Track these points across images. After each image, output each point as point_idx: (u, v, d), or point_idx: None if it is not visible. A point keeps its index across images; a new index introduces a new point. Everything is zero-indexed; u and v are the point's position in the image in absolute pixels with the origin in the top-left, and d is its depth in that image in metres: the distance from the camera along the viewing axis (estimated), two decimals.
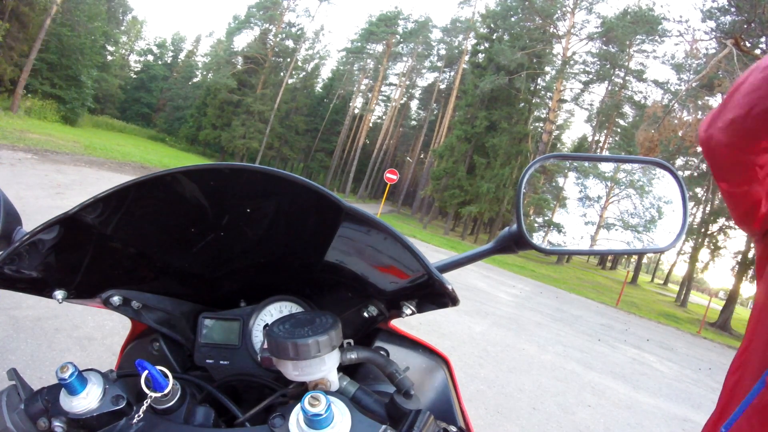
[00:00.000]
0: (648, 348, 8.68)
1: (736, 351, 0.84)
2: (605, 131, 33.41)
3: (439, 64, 41.46)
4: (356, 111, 44.41)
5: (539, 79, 29.22)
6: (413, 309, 0.61)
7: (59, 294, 0.59)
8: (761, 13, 15.36)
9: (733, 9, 17.20)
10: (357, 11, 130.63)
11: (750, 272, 19.29)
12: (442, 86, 41.95)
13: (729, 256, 23.18)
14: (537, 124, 30.76)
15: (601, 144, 33.38)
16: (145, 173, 0.52)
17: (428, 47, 41.11)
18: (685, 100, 18.65)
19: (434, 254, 13.33)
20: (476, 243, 30.45)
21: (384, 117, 45.67)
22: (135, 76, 50.12)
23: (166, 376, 0.49)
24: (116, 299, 0.65)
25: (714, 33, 18.48)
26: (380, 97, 44.58)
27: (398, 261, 0.56)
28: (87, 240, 0.56)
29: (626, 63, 28.41)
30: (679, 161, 23.86)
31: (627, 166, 0.88)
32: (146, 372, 0.48)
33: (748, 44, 16.64)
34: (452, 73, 40.33)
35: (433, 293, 0.57)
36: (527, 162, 25.34)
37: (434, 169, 30.87)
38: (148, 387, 0.48)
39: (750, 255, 19.20)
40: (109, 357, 2.78)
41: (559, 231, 0.74)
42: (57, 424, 0.48)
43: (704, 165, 23.33)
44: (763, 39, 17.37)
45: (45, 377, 2.36)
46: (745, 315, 21.75)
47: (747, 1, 15.78)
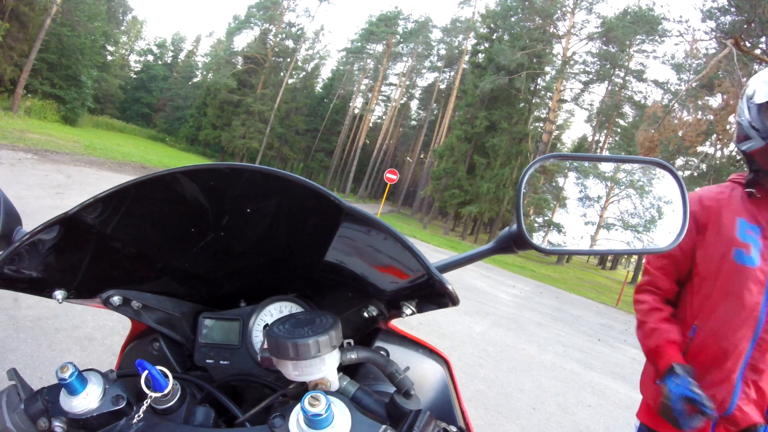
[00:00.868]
0: None
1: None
2: (605, 131, 33.43)
3: (439, 64, 41.48)
4: (356, 111, 44.42)
5: (539, 79, 29.23)
6: (413, 309, 0.61)
7: (59, 294, 0.59)
8: (761, 13, 15.35)
9: (733, 9, 17.19)
10: (357, 11, 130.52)
11: None
12: (442, 86, 41.96)
13: None
14: (537, 124, 30.78)
15: (601, 144, 33.39)
16: (145, 173, 0.52)
17: (428, 47, 41.12)
18: (685, 100, 18.66)
19: (434, 254, 13.32)
20: (476, 243, 30.44)
21: (384, 117, 45.71)
22: (135, 76, 50.13)
23: (166, 376, 0.49)
24: (116, 299, 0.65)
25: (714, 33, 18.48)
26: (380, 97, 44.63)
27: (398, 261, 0.56)
28: (87, 240, 0.56)
29: (626, 63, 28.44)
30: (679, 161, 23.85)
31: (627, 166, 0.88)
32: (146, 372, 0.48)
33: (748, 44, 16.63)
34: (452, 73, 40.35)
35: (433, 293, 0.57)
36: (527, 162, 25.32)
37: (434, 169, 30.88)
38: (148, 387, 0.48)
39: None
40: (109, 357, 2.78)
41: (559, 231, 0.74)
42: (57, 424, 0.48)
43: (704, 165, 23.36)
44: (763, 39, 17.36)
45: (45, 377, 2.36)
46: None
47: (747, 1, 15.77)
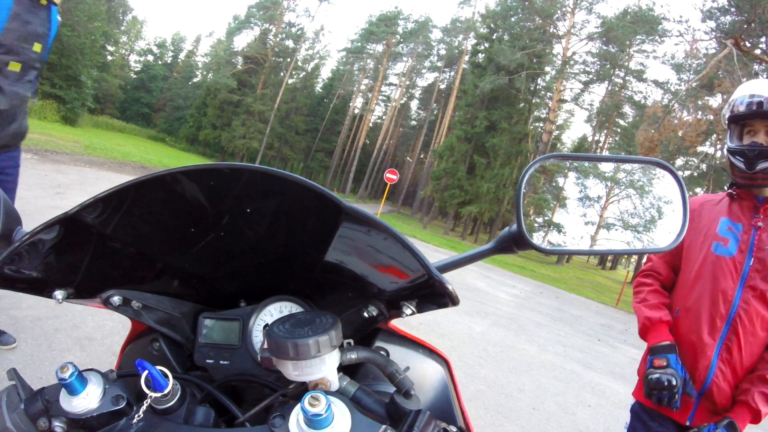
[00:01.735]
0: None
1: None
2: (605, 131, 33.45)
3: (439, 64, 41.49)
4: (356, 111, 44.42)
5: (539, 79, 29.24)
6: (413, 309, 0.61)
7: (59, 294, 0.59)
8: (761, 13, 15.36)
9: (733, 9, 17.20)
10: (357, 11, 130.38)
11: None
12: (442, 86, 41.97)
13: None
14: (537, 124, 30.80)
15: (601, 144, 33.41)
16: (145, 173, 0.51)
17: (428, 47, 41.14)
18: (685, 100, 18.66)
19: (434, 254, 13.32)
20: (476, 243, 30.43)
21: (384, 117, 45.71)
22: (135, 76, 50.10)
23: (166, 376, 0.49)
24: (116, 299, 0.64)
25: (714, 33, 18.49)
26: (380, 97, 44.64)
27: (398, 261, 0.56)
28: (87, 240, 0.56)
29: (626, 63, 28.45)
30: (679, 161, 23.85)
31: (627, 166, 0.88)
32: (146, 372, 0.48)
33: (748, 44, 16.64)
34: (452, 73, 40.36)
35: (433, 293, 0.57)
36: (527, 162, 25.34)
37: (434, 169, 30.89)
38: (148, 387, 0.48)
39: None
40: (109, 357, 2.78)
41: (559, 231, 0.74)
42: (57, 424, 0.48)
43: (704, 165, 23.36)
44: (763, 39, 17.37)
45: (45, 377, 2.36)
46: None
47: (747, 1, 15.77)
